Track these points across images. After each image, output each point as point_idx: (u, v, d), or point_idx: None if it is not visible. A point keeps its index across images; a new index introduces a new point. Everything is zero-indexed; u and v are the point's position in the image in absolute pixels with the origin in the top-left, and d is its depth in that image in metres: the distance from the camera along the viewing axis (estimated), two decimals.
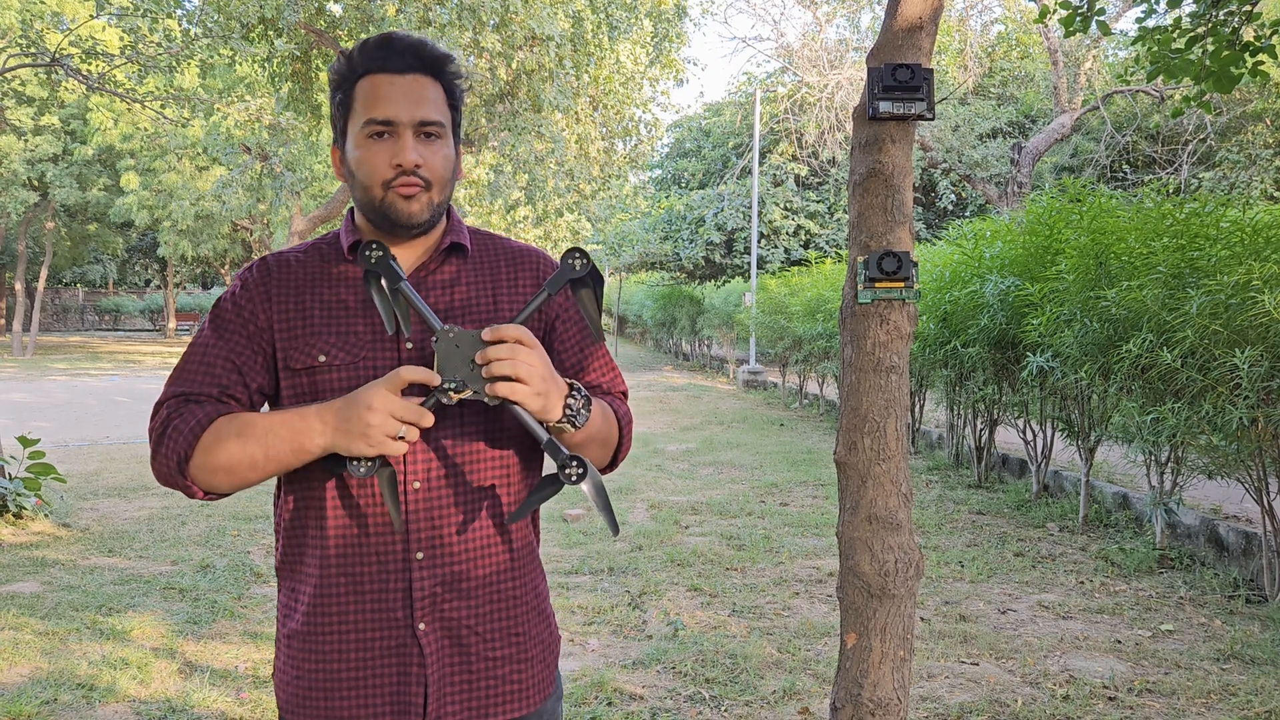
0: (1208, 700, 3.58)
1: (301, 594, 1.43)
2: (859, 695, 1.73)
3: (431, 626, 1.40)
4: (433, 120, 1.40)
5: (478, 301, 1.47)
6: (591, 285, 1.36)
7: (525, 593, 1.48)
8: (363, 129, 1.39)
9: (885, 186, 1.77)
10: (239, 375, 1.42)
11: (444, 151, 1.43)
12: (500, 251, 1.53)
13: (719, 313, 20.70)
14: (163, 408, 1.42)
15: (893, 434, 1.74)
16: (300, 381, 1.42)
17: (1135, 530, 6.01)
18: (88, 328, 42.89)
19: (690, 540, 6.05)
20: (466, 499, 1.42)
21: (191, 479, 1.38)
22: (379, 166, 1.39)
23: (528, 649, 1.47)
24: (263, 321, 1.44)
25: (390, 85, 1.39)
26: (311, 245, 1.52)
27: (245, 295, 1.46)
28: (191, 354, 1.44)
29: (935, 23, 1.81)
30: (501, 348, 1.27)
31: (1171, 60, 4.90)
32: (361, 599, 1.39)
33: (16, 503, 6.18)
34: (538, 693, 1.48)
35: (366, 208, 1.43)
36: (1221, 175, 18.15)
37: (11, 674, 3.77)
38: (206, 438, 1.36)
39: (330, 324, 1.43)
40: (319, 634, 1.41)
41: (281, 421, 1.34)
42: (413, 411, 1.27)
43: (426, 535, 1.39)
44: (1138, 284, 4.96)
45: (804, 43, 19.03)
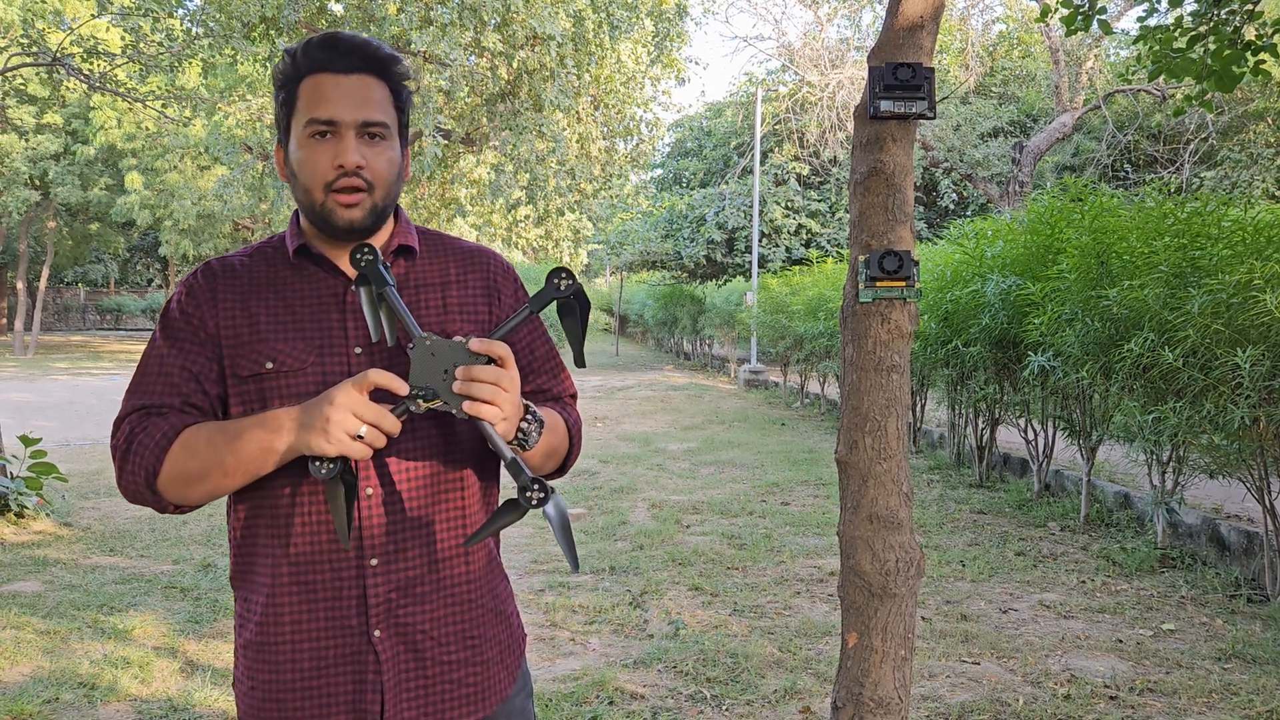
0: (1209, 700, 3.57)
1: (254, 603, 1.41)
2: (860, 694, 1.73)
3: (387, 633, 1.38)
4: (376, 121, 1.37)
5: (427, 302, 1.45)
6: (577, 308, 1.34)
7: (481, 595, 1.47)
8: (305, 128, 1.37)
9: (886, 185, 1.77)
10: (197, 383, 1.40)
11: (388, 154, 1.40)
12: (450, 252, 1.52)
13: (720, 312, 20.70)
14: (124, 423, 1.39)
15: (894, 433, 1.74)
16: (248, 389, 1.39)
17: (1136, 530, 6.01)
18: (89, 327, 42.91)
19: (691, 539, 6.05)
20: (421, 505, 1.40)
21: (161, 493, 1.36)
22: (320, 167, 1.36)
23: (483, 651, 1.46)
24: (211, 328, 1.41)
25: (334, 85, 1.36)
26: (256, 249, 1.49)
27: (192, 302, 1.43)
28: (148, 365, 1.42)
29: (936, 22, 1.81)
30: (488, 370, 1.26)
31: (1173, 59, 4.90)
32: (315, 607, 1.37)
33: (18, 502, 6.19)
34: (495, 694, 1.47)
35: (308, 210, 1.40)
36: (1223, 174, 18.14)
37: (13, 673, 3.78)
38: (175, 449, 1.34)
39: (277, 330, 1.40)
40: (272, 643, 1.38)
41: (250, 423, 1.32)
42: (373, 411, 1.24)
43: (380, 541, 1.37)
44: (1139, 283, 4.96)
45: (805, 42, 19.02)
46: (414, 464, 1.39)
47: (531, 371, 1.53)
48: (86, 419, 12.86)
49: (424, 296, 1.45)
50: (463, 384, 1.25)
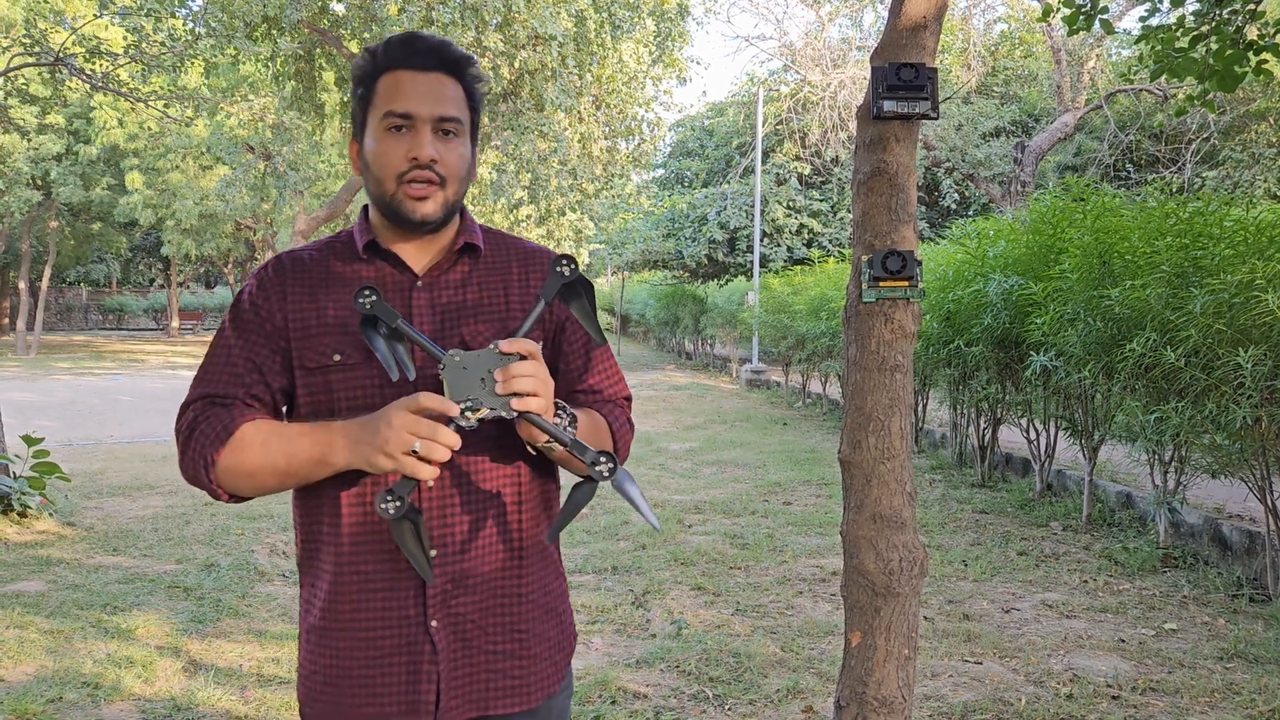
0: (1211, 699, 3.57)
1: (319, 590, 1.46)
2: (864, 693, 1.73)
3: (442, 623, 1.41)
4: (451, 117, 1.41)
5: (490, 302, 1.48)
6: (582, 292, 1.37)
7: (532, 590, 1.49)
8: (381, 121, 1.41)
9: (889, 185, 1.77)
10: (260, 375, 1.44)
11: (460, 150, 1.44)
12: (512, 252, 1.54)
13: (722, 312, 20.70)
14: (189, 409, 1.44)
15: (897, 432, 1.74)
16: (315, 381, 1.43)
17: (1139, 529, 6.01)
18: (91, 327, 42.94)
19: (693, 539, 6.05)
20: (478, 498, 1.43)
21: (216, 482, 1.40)
22: (394, 159, 1.40)
23: (531, 646, 1.48)
24: (279, 321, 1.45)
25: (411, 81, 1.40)
26: (326, 243, 1.53)
27: (262, 294, 1.47)
28: (215, 354, 1.46)
29: (939, 22, 1.81)
30: (524, 365, 1.28)
31: (1175, 59, 4.90)
32: (373, 596, 1.41)
33: (21, 502, 6.20)
34: (540, 690, 1.49)
35: (379, 202, 1.44)
36: (1225, 174, 18.12)
37: (17, 672, 3.78)
38: (232, 444, 1.38)
39: (344, 323, 1.43)
40: (334, 629, 1.43)
41: (305, 433, 1.36)
42: (427, 427, 1.26)
43: (439, 533, 1.41)
44: (1141, 283, 4.96)
45: (807, 42, 19.02)
46: (472, 459, 1.42)
47: (585, 371, 1.55)
48: (89, 419, 12.87)
49: (487, 297, 1.49)
50: (505, 383, 1.28)
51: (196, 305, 45.21)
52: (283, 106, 13.25)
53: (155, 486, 7.80)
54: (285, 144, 13.57)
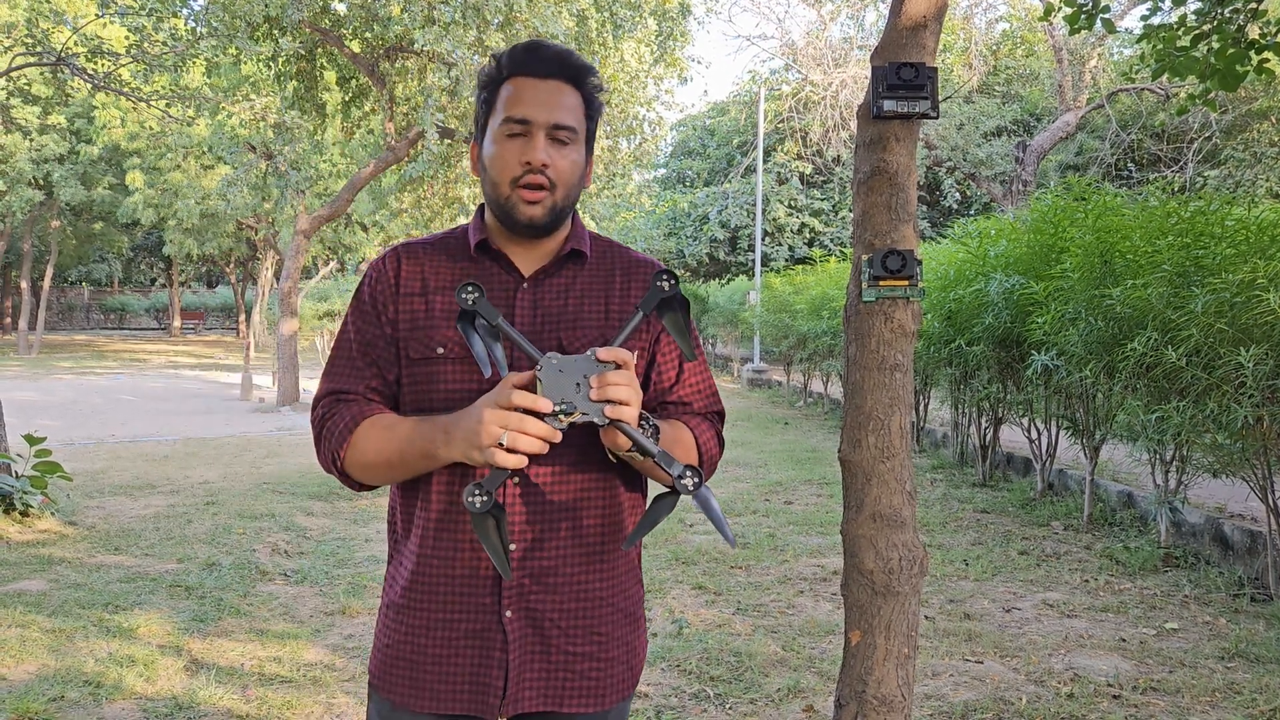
0: (1212, 699, 3.57)
1: (403, 569, 1.52)
2: (863, 693, 1.73)
3: (517, 615, 1.46)
4: (566, 125, 1.45)
5: (590, 310, 1.52)
6: (678, 307, 1.40)
7: (613, 594, 1.52)
8: (501, 126, 1.45)
9: (889, 185, 1.77)
10: (378, 369, 1.51)
11: (573, 156, 1.48)
12: (617, 261, 1.58)
13: (723, 311, 20.70)
14: (319, 405, 1.53)
15: (897, 432, 1.74)
16: (418, 372, 1.49)
17: (1140, 529, 6.00)
18: (93, 326, 42.98)
19: (695, 538, 6.05)
20: (565, 500, 1.46)
21: (346, 474, 1.49)
22: (509, 163, 1.44)
23: (609, 649, 1.51)
24: (391, 313, 1.51)
25: (532, 88, 1.45)
26: (440, 238, 1.57)
27: (378, 286, 1.53)
28: (339, 351, 1.54)
29: (939, 21, 1.81)
30: (620, 374, 1.31)
31: (1176, 58, 4.90)
32: (453, 582, 1.47)
33: (23, 501, 6.20)
34: (615, 693, 1.52)
35: (493, 203, 1.49)
36: (1227, 173, 18.11)
37: (19, 671, 3.79)
38: (353, 441, 1.46)
39: (450, 318, 1.49)
40: (413, 608, 1.49)
41: (414, 429, 1.41)
42: (515, 419, 1.28)
43: (520, 530, 1.45)
44: (1142, 282, 4.95)
45: (808, 41, 19.01)
46: (558, 461, 1.45)
47: (677, 384, 1.58)
48: (90, 418, 12.88)
49: (588, 304, 1.52)
50: (600, 390, 1.29)
51: (198, 305, 45.24)
52: (284, 106, 13.25)
53: (157, 486, 7.81)
54: (287, 143, 13.57)
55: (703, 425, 1.57)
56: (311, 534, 6.19)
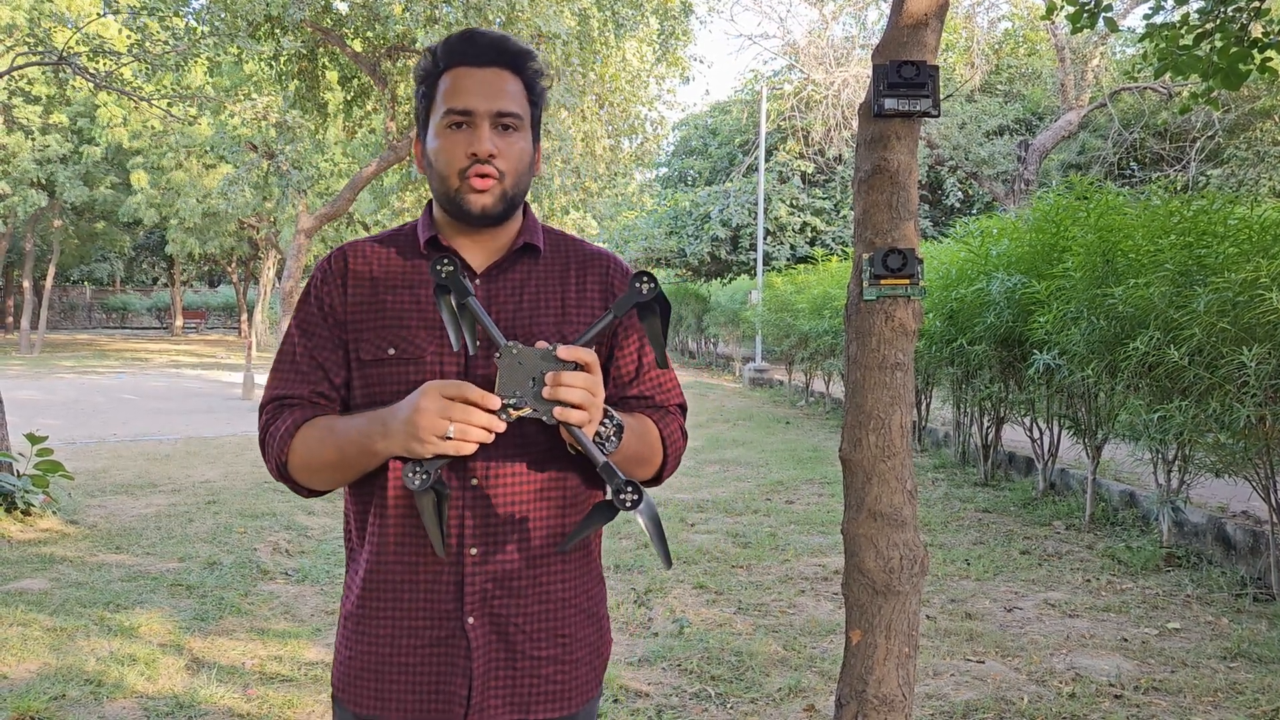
0: (1214, 699, 3.57)
1: (359, 576, 1.48)
2: (864, 692, 1.73)
3: (480, 621, 1.42)
4: (510, 111, 1.42)
5: (546, 304, 1.48)
6: (658, 311, 1.36)
7: (575, 595, 1.49)
8: (442, 119, 1.42)
9: (890, 184, 1.77)
10: (323, 373, 1.47)
11: (520, 144, 1.44)
12: (572, 254, 1.54)
13: (725, 310, 20.70)
14: (263, 412, 1.48)
15: (897, 431, 1.74)
16: (369, 374, 1.44)
17: (1142, 528, 6.00)
18: (95, 325, 43.02)
19: (696, 538, 6.05)
20: (524, 501, 1.43)
21: (294, 480, 1.45)
22: (455, 155, 1.41)
23: (574, 651, 1.48)
24: (340, 313, 1.47)
25: (470, 77, 1.42)
26: (389, 235, 1.54)
27: (325, 287, 1.49)
28: (283, 355, 1.50)
29: (941, 19, 1.81)
30: (577, 375, 1.27)
31: (1179, 57, 4.89)
32: (415, 588, 1.43)
33: (24, 500, 6.21)
34: (580, 695, 1.49)
35: (442, 198, 1.45)
36: (1229, 172, 18.09)
37: (20, 670, 3.79)
38: (294, 443, 1.42)
39: (401, 317, 1.45)
40: (370, 617, 1.45)
41: (352, 426, 1.38)
42: (460, 410, 1.26)
43: (481, 532, 1.41)
44: (1145, 282, 4.95)
45: (810, 40, 19.00)
46: (518, 461, 1.42)
47: (637, 377, 1.54)
48: (92, 417, 12.89)
49: (543, 299, 1.48)
50: (551, 390, 1.27)
51: (200, 304, 45.29)
52: (286, 105, 13.25)
53: (158, 485, 7.81)
54: (288, 143, 13.57)
55: (666, 419, 1.54)
56: (312, 533, 6.19)
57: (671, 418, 1.56)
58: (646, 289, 1.34)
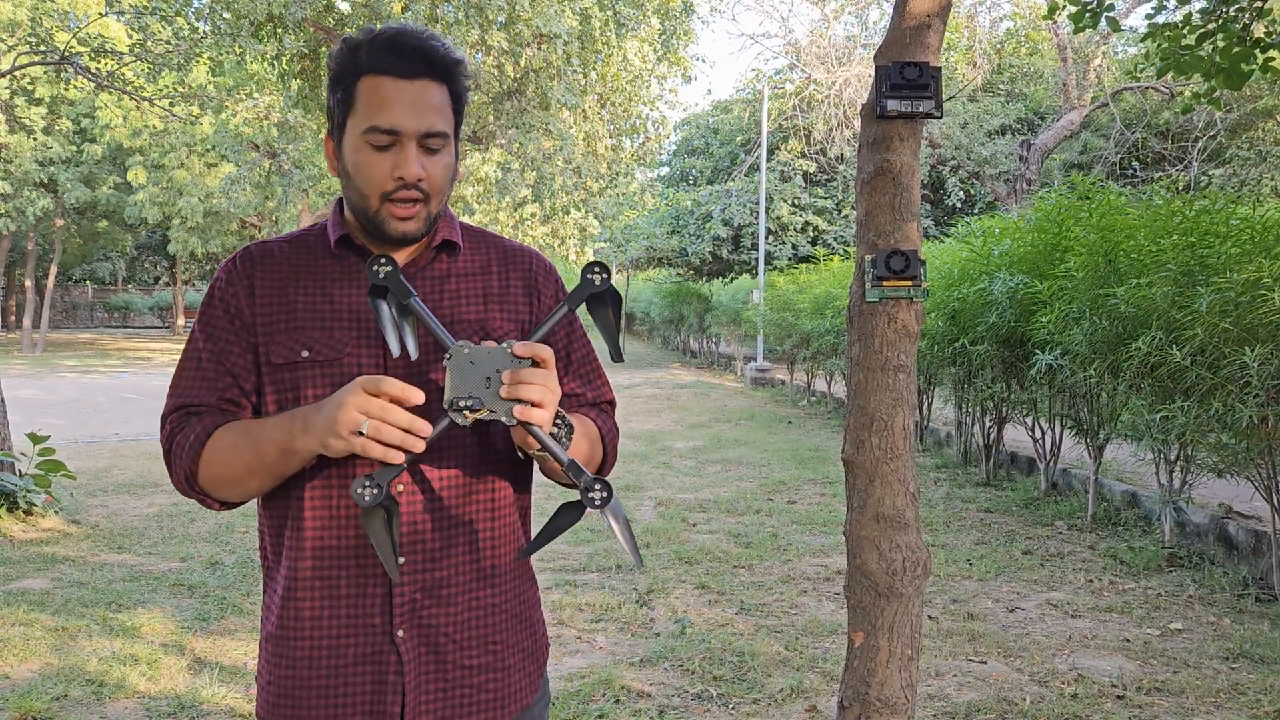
0: (1216, 699, 3.56)
1: (276, 595, 1.40)
2: (866, 694, 1.73)
3: (410, 634, 1.36)
4: (438, 131, 1.35)
5: (468, 299, 1.43)
6: (610, 303, 1.31)
7: (507, 600, 1.44)
8: (364, 134, 1.33)
9: (893, 185, 1.77)
10: (232, 379, 1.39)
11: (445, 160, 1.38)
12: (493, 250, 1.50)
13: (726, 310, 20.68)
14: (166, 422, 1.41)
15: (900, 433, 1.74)
16: (282, 378, 1.37)
17: (1144, 529, 5.99)
18: (97, 325, 43.05)
19: (697, 538, 6.05)
20: (452, 506, 1.38)
21: (203, 492, 1.38)
22: (378, 177, 1.33)
23: (505, 657, 1.43)
24: (247, 316, 1.40)
25: (396, 90, 1.32)
26: (297, 236, 1.47)
27: (230, 290, 1.41)
28: (186, 362, 1.42)
29: (943, 20, 1.80)
30: (535, 372, 1.22)
31: (1181, 56, 4.88)
32: (336, 604, 1.35)
33: (26, 499, 6.21)
34: (515, 702, 1.44)
35: (359, 213, 1.38)
36: (1231, 172, 18.08)
37: (22, 669, 3.79)
38: (206, 451, 1.34)
39: (314, 319, 1.38)
40: (291, 638, 1.37)
41: (270, 424, 1.32)
42: (377, 406, 1.20)
43: (409, 540, 1.35)
44: (1147, 281, 4.94)
45: (812, 39, 19.00)
46: (447, 465, 1.37)
47: (567, 375, 1.50)
48: (94, 417, 12.90)
49: (465, 292, 1.44)
50: (510, 388, 1.22)
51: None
52: (287, 105, 13.26)
53: (160, 484, 7.82)
54: (290, 142, 13.58)
55: (603, 417, 1.50)
56: None
57: (605, 416, 1.53)
58: (599, 280, 1.29)
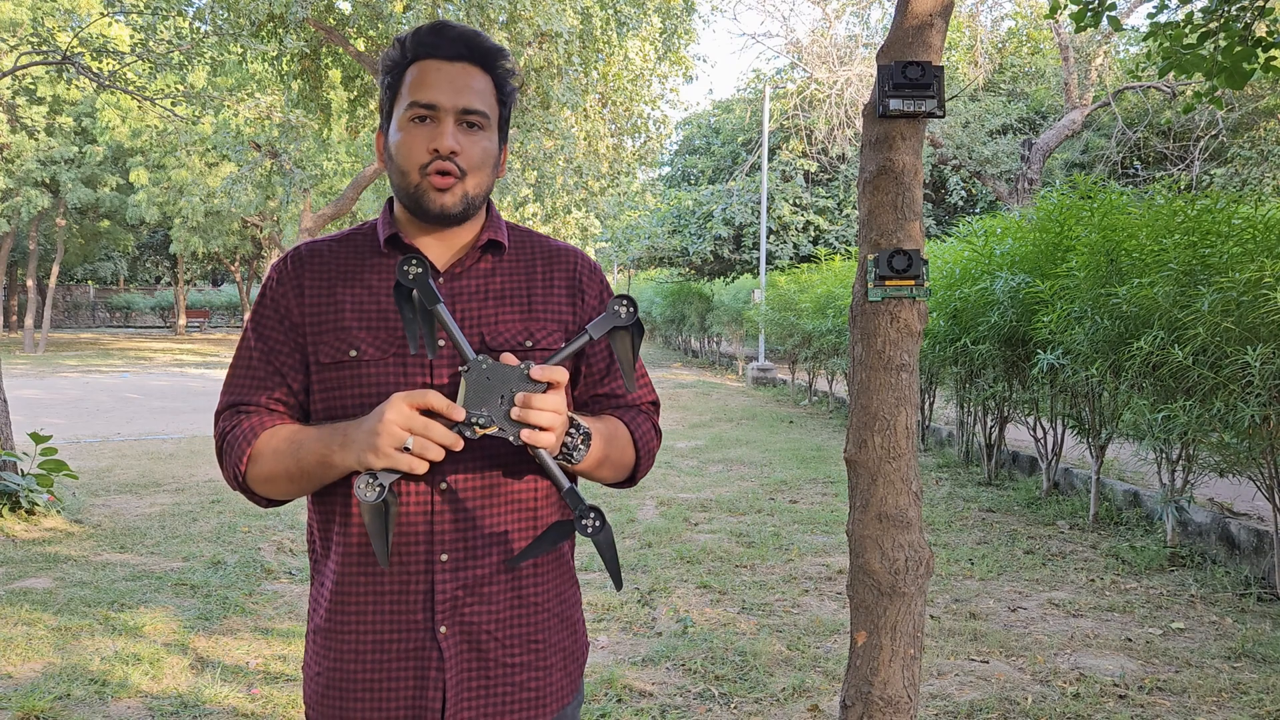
0: (1219, 699, 3.56)
1: (324, 590, 1.44)
2: (869, 693, 1.73)
3: (452, 630, 1.38)
4: (476, 109, 1.38)
5: (511, 300, 1.45)
6: (632, 334, 1.34)
7: (548, 599, 1.46)
8: (406, 111, 1.38)
9: (895, 184, 1.77)
10: (281, 378, 1.43)
11: (484, 143, 1.40)
12: (538, 250, 1.51)
13: (728, 309, 20.68)
14: (219, 420, 1.45)
15: (903, 432, 1.74)
16: (329, 377, 1.40)
17: (1146, 528, 5.99)
18: (99, 324, 43.08)
19: (699, 537, 6.05)
20: (495, 506, 1.40)
21: (252, 490, 1.42)
22: (416, 150, 1.37)
23: (547, 656, 1.45)
24: (296, 316, 1.43)
25: (437, 71, 1.38)
26: (346, 235, 1.50)
27: (280, 289, 1.45)
28: (239, 360, 1.46)
29: (945, 19, 1.80)
30: (547, 398, 1.25)
31: (1183, 55, 4.88)
32: (381, 599, 1.38)
33: (29, 499, 6.22)
34: (555, 700, 1.46)
35: (402, 193, 1.41)
36: (1233, 171, 18.06)
37: (25, 669, 3.80)
38: (252, 454, 1.38)
39: (362, 318, 1.40)
40: (338, 631, 1.41)
41: (311, 437, 1.35)
42: (421, 423, 1.23)
43: (452, 538, 1.37)
44: (1149, 281, 4.94)
45: (813, 39, 18.98)
46: (493, 467, 1.39)
47: (608, 375, 1.51)
48: (96, 416, 12.91)
49: (509, 293, 1.45)
50: (521, 411, 1.24)
51: (203, 303, 45.34)
52: (289, 105, 13.27)
53: (162, 484, 7.82)
54: (291, 142, 13.59)
55: (638, 419, 1.51)
56: None
57: (643, 416, 1.53)
58: (625, 313, 1.32)
